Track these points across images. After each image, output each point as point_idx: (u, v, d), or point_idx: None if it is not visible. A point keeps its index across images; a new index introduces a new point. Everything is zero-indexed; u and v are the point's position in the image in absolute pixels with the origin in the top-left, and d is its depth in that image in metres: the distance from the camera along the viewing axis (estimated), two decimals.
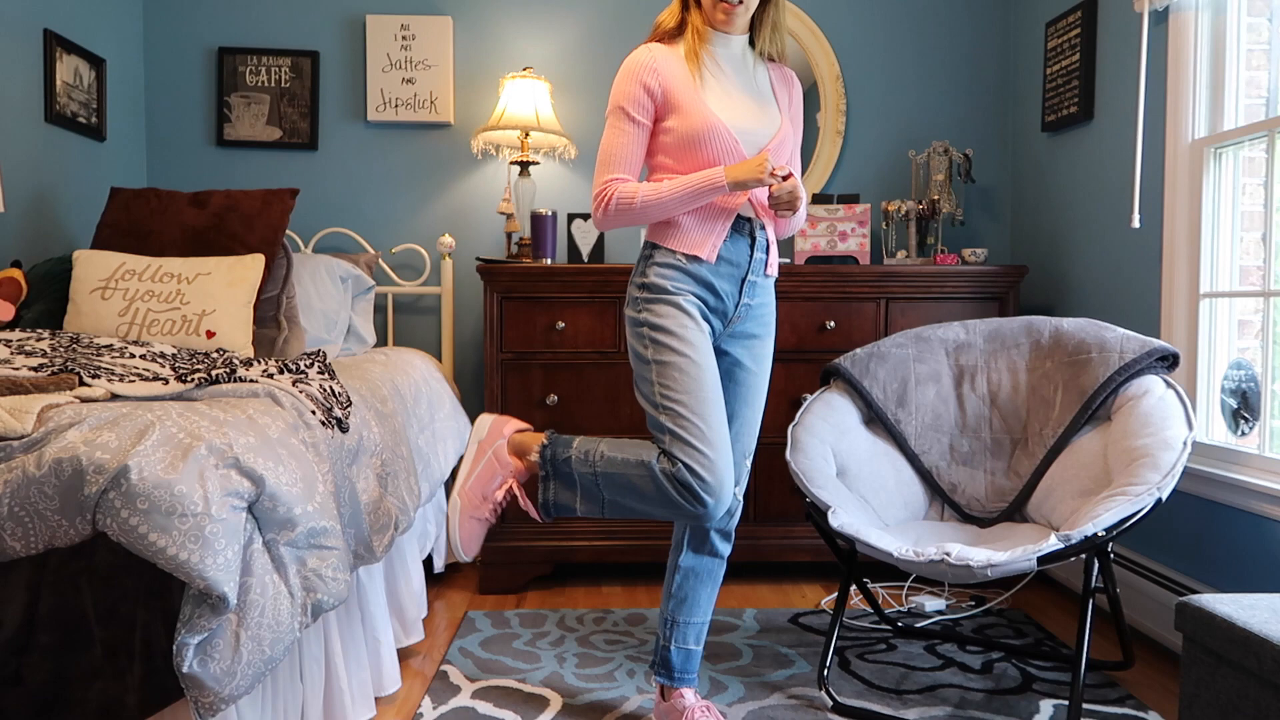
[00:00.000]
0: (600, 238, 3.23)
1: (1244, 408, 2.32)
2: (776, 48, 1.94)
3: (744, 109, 1.87)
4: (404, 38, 3.38)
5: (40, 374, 1.61)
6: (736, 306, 1.90)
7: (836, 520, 2.11)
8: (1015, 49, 3.47)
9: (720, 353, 1.94)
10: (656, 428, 1.79)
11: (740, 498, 1.97)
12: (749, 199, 1.88)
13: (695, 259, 1.84)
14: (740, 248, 1.88)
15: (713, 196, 1.81)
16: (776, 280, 2.91)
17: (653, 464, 1.76)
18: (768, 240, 1.93)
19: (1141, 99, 2.58)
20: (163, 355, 2.04)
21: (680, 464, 1.74)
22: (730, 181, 1.78)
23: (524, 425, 1.98)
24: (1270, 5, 2.33)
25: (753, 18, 1.90)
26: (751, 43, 1.94)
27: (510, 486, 1.91)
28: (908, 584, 3.03)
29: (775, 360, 2.98)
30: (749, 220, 1.89)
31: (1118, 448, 2.15)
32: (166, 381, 1.73)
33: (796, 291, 2.98)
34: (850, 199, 3.19)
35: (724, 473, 1.76)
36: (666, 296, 1.83)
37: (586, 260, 3.26)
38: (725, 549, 2.00)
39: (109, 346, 2.05)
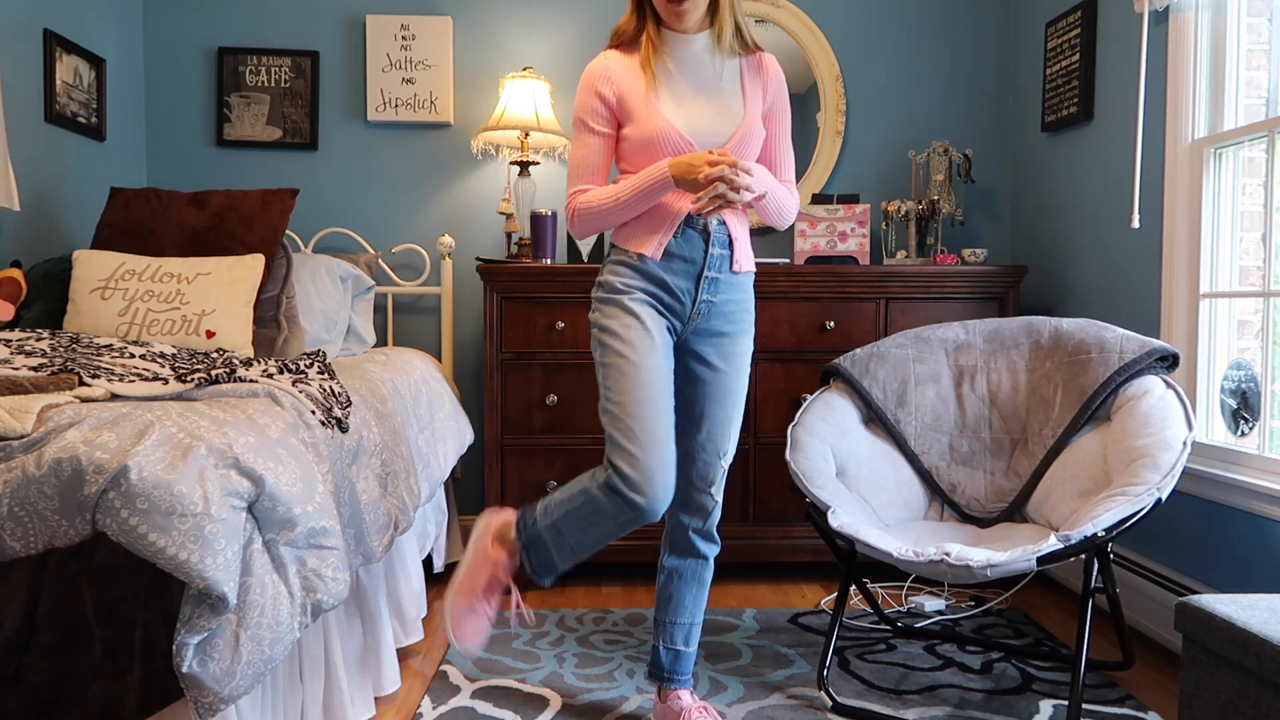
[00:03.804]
0: (600, 237, 3.23)
1: (1244, 408, 2.32)
2: (741, 40, 1.90)
3: (698, 111, 1.86)
4: (404, 38, 3.38)
5: (40, 374, 1.61)
6: (695, 303, 1.88)
7: (836, 520, 2.11)
8: (1015, 49, 3.47)
9: (686, 351, 1.93)
10: (606, 434, 1.81)
11: (717, 497, 1.95)
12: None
13: (643, 256, 1.85)
14: (693, 243, 1.86)
15: (663, 190, 1.80)
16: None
17: (589, 485, 1.78)
18: (728, 236, 1.89)
19: (1141, 99, 2.58)
20: (162, 355, 2.04)
21: (610, 467, 1.75)
22: (674, 175, 1.77)
23: (508, 517, 1.92)
24: (1270, 5, 2.33)
25: (711, 14, 1.87)
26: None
27: (499, 583, 1.88)
28: (907, 584, 3.03)
29: (775, 360, 2.99)
30: (703, 216, 1.86)
31: (1117, 448, 2.15)
32: (166, 381, 1.73)
33: (796, 291, 2.98)
34: (850, 199, 3.20)
35: (653, 470, 1.74)
36: (614, 296, 1.85)
37: (586, 260, 3.26)
38: (708, 549, 1.98)
39: (109, 346, 2.05)
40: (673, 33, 1.88)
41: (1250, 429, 2.31)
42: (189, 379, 1.75)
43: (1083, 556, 1.94)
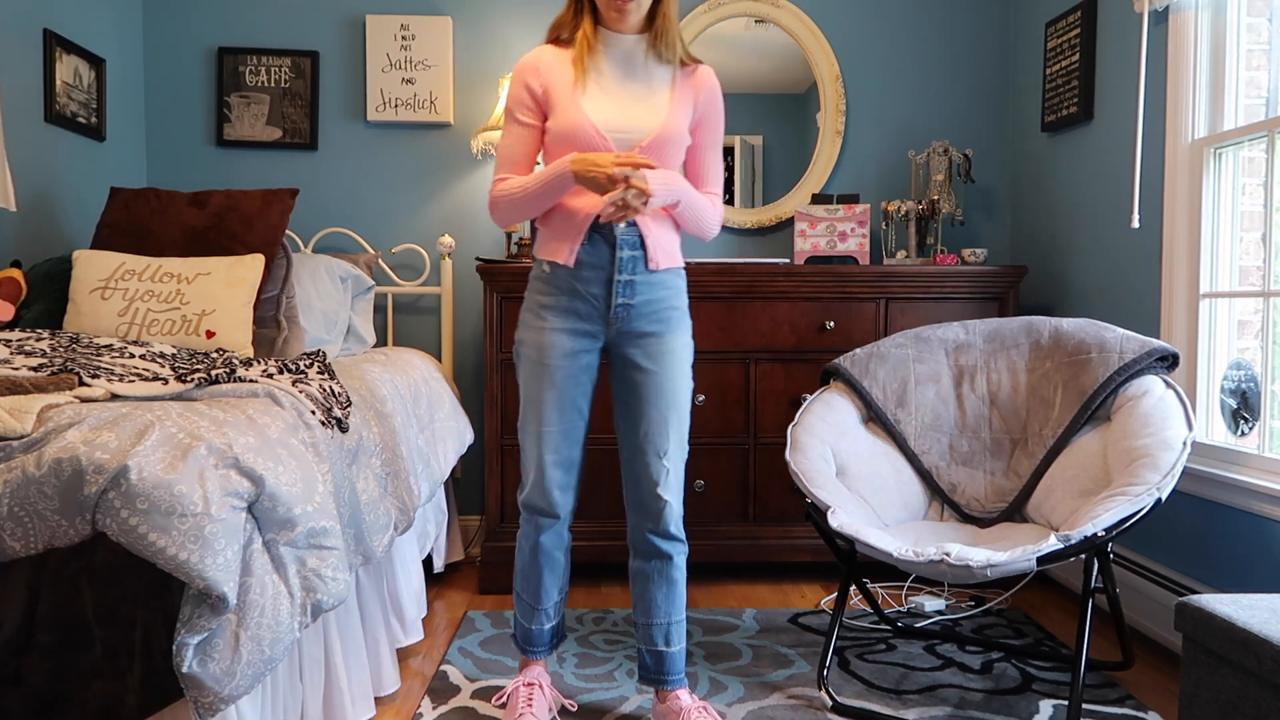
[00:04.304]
0: None
1: (1244, 408, 2.32)
2: (670, 50, 1.91)
3: (620, 108, 1.87)
4: (404, 38, 3.38)
5: (40, 374, 1.61)
6: (611, 308, 1.88)
7: (836, 520, 2.11)
8: (1015, 49, 3.47)
9: (615, 355, 1.95)
10: None
11: (665, 496, 1.92)
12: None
13: (555, 264, 1.88)
14: (599, 250, 1.86)
15: (564, 186, 1.82)
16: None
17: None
18: (639, 237, 1.87)
19: (1141, 99, 2.58)
20: (162, 355, 2.04)
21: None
22: (574, 171, 1.77)
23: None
24: (1270, 5, 2.33)
25: (650, 20, 1.89)
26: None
27: (532, 687, 2.03)
28: (907, 584, 3.03)
29: (775, 360, 2.99)
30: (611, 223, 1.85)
31: (1117, 448, 2.15)
32: (166, 381, 1.73)
33: (796, 291, 2.98)
34: (850, 199, 3.20)
35: (536, 477, 1.97)
36: (527, 319, 1.94)
37: None
38: (670, 548, 1.96)
39: (109, 346, 2.05)
40: (609, 31, 1.90)
41: (1250, 429, 2.31)
42: (189, 379, 1.75)
43: (1083, 556, 1.94)
